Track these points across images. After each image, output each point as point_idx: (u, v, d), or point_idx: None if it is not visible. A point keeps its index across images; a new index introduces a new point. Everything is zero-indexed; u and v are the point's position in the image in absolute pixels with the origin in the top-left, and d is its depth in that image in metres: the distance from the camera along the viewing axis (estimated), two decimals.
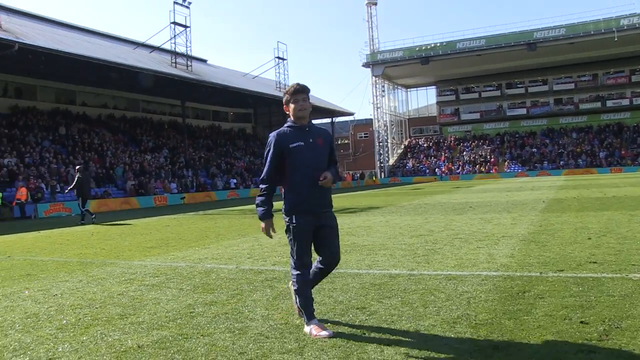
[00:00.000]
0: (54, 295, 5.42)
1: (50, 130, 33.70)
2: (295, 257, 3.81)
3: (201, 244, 9.43)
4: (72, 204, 22.71)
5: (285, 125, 3.89)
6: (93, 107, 39.99)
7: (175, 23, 38.47)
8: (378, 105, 64.29)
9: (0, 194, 23.09)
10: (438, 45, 59.46)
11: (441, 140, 68.47)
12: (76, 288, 5.78)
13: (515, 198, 18.23)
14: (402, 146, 71.41)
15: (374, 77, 63.33)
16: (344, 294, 4.84)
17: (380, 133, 64.61)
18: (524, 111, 66.35)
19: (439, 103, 71.82)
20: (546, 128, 63.93)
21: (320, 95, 74.45)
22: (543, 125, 64.61)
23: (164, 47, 39.57)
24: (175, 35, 38.59)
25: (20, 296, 5.48)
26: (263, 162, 3.88)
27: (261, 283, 5.56)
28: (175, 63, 38.34)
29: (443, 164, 61.72)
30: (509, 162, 59.07)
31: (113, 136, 37.69)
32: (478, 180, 48.89)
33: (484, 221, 10.86)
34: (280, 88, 47.59)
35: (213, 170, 40.48)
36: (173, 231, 12.43)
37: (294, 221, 3.75)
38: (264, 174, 3.84)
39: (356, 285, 5.19)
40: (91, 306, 4.87)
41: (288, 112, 3.87)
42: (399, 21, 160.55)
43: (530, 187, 26.56)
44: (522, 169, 56.59)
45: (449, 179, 55.79)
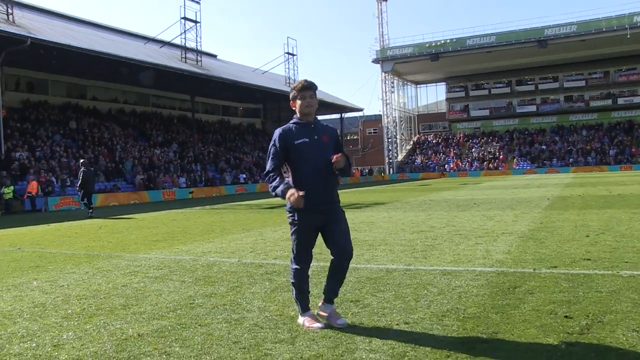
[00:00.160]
0: (61, 286, 5.62)
1: (61, 125, 34.07)
2: (295, 252, 3.91)
3: (206, 237, 9.60)
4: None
5: (290, 122, 3.92)
6: (103, 102, 40.34)
7: (185, 18, 38.74)
8: (387, 101, 64.19)
9: (12, 187, 23.45)
10: (448, 41, 59.25)
11: (450, 137, 68.31)
12: (82, 279, 5.97)
13: (521, 195, 18.25)
14: (411, 142, 71.27)
15: (383, 73, 63.23)
16: (339, 288, 4.97)
17: (389, 129, 64.53)
18: (533, 108, 65.93)
19: (448, 99, 71.56)
20: (556, 125, 63.52)
21: (329, 91, 74.51)
22: (553, 122, 64.21)
23: (174, 42, 39.80)
24: (185, 31, 38.88)
25: (28, 286, 5.68)
26: (266, 157, 3.90)
27: (261, 276, 5.71)
28: (185, 58, 38.59)
29: (452, 160, 61.60)
30: (518, 159, 58.83)
31: (123, 130, 38.02)
32: (486, 177, 48.80)
33: (486, 218, 10.94)
34: (289, 83, 47.69)
35: (222, 165, 40.71)
36: (179, 225, 12.63)
37: (296, 218, 3.78)
38: (269, 167, 3.83)
39: (353, 279, 5.30)
40: (96, 297, 5.05)
41: (294, 108, 3.88)
42: (409, 17, 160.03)
43: (537, 185, 26.50)
44: (531, 166, 56.30)
45: (457, 176, 55.67)
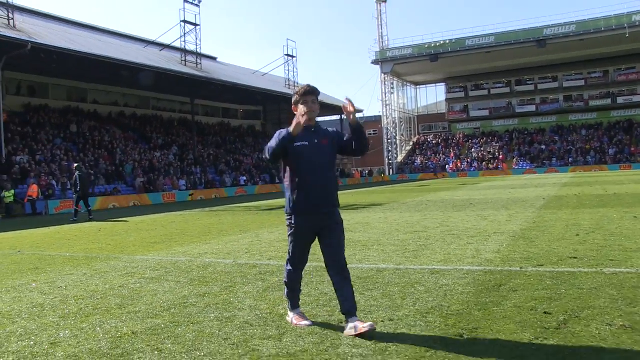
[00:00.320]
0: (59, 287, 5.76)
1: (62, 128, 34.22)
2: (291, 255, 3.99)
3: (203, 239, 9.74)
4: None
5: None
6: (104, 105, 40.51)
7: (185, 21, 38.88)
8: (387, 102, 64.34)
9: (13, 191, 23.62)
10: (447, 42, 59.41)
11: (450, 137, 68.43)
12: (80, 281, 6.11)
13: (517, 195, 18.37)
14: (411, 143, 71.42)
15: (383, 74, 63.39)
16: (329, 286, 5.05)
17: (389, 130, 64.67)
18: (533, 108, 66.04)
19: (448, 100, 71.71)
20: (555, 125, 63.63)
21: (329, 92, 74.57)
22: (552, 122, 64.32)
23: (174, 45, 40.01)
24: (185, 34, 39.01)
25: (28, 288, 5.82)
26: (266, 149, 3.84)
27: (254, 276, 5.84)
28: (185, 61, 38.75)
29: (452, 161, 61.72)
30: (517, 159, 58.94)
31: (123, 133, 38.19)
32: (484, 177, 48.90)
33: (480, 218, 11.07)
34: (289, 85, 47.88)
35: (222, 167, 40.86)
36: (178, 227, 12.76)
37: (294, 221, 3.84)
38: (270, 144, 3.78)
39: None
40: (93, 297, 5.19)
41: (296, 113, 3.87)
42: (408, 18, 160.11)
43: (534, 185, 26.61)
44: (531, 166, 56.40)
45: (457, 176, 55.79)
